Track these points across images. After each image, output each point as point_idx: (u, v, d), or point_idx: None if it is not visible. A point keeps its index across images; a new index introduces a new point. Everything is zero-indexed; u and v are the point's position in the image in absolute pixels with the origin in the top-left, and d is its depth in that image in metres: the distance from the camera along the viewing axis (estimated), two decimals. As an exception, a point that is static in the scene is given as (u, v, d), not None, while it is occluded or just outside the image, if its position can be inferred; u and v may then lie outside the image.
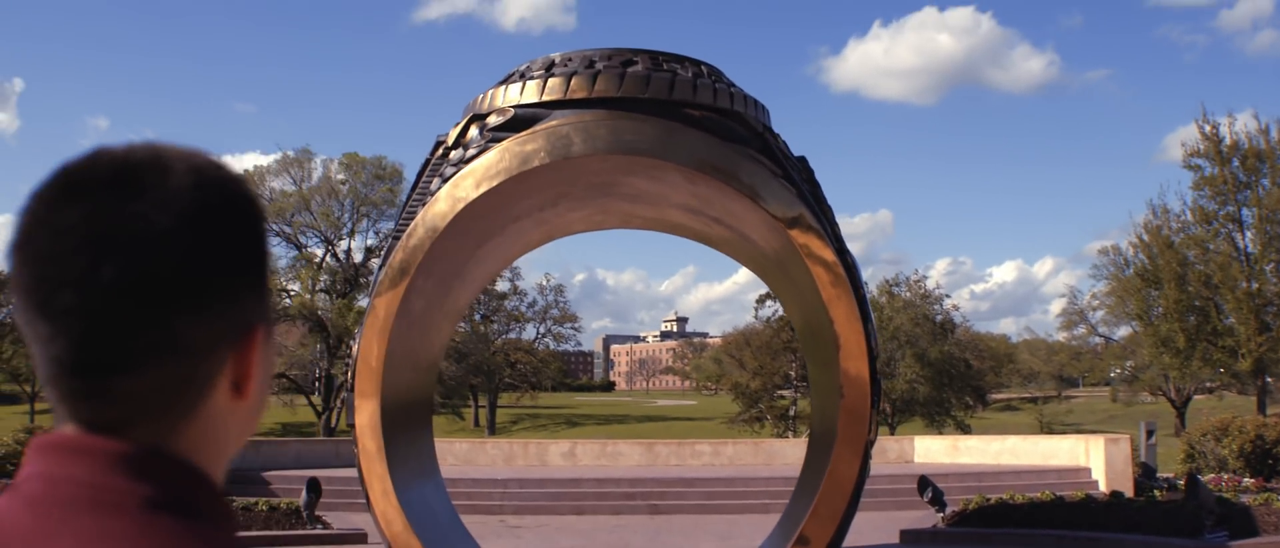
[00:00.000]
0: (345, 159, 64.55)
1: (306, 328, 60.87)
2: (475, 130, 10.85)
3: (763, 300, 62.27)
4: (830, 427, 10.82)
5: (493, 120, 10.69)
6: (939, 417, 60.73)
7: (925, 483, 18.72)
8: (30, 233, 0.99)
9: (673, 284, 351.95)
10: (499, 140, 10.51)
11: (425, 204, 10.62)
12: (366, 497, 10.63)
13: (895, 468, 25.69)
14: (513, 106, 10.66)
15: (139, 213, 0.98)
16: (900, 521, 18.27)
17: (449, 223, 10.46)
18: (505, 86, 10.89)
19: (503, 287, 71.10)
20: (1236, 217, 46.14)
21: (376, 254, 57.38)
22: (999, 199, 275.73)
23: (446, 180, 10.58)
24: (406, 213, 11.05)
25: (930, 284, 64.53)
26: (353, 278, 63.31)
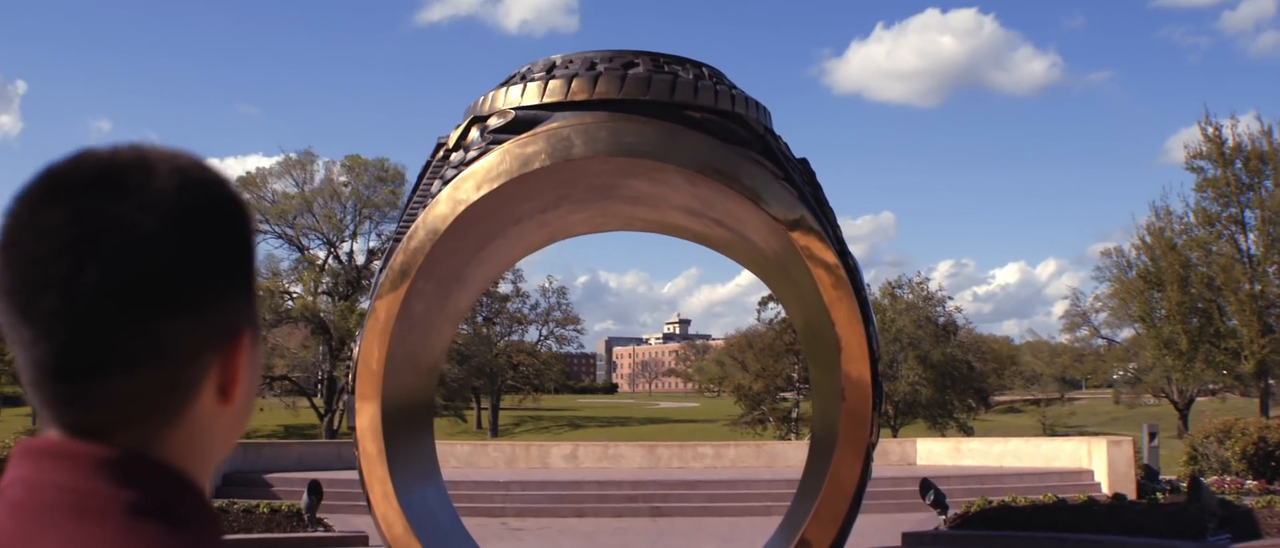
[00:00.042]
0: (347, 161, 64.66)
1: (309, 330, 60.91)
2: (476, 132, 10.83)
3: (765, 303, 62.25)
4: (832, 429, 10.80)
5: (494, 122, 10.68)
6: (941, 419, 60.67)
7: (927, 486, 18.69)
8: (13, 235, 0.98)
9: (675, 286, 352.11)
10: (500, 142, 10.49)
11: (426, 206, 10.61)
12: (367, 500, 10.62)
13: (897, 470, 25.65)
14: (513, 108, 10.64)
15: (123, 215, 0.97)
16: (902, 523, 18.25)
17: (450, 225, 10.45)
18: (506, 88, 10.88)
19: (505, 289, 71.17)
20: (1239, 218, 46.11)
21: (378, 256, 57.33)
22: (1002, 201, 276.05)
23: (447, 182, 10.56)
24: (407, 215, 11.04)
25: (933, 286, 64.68)
26: (355, 280, 63.37)
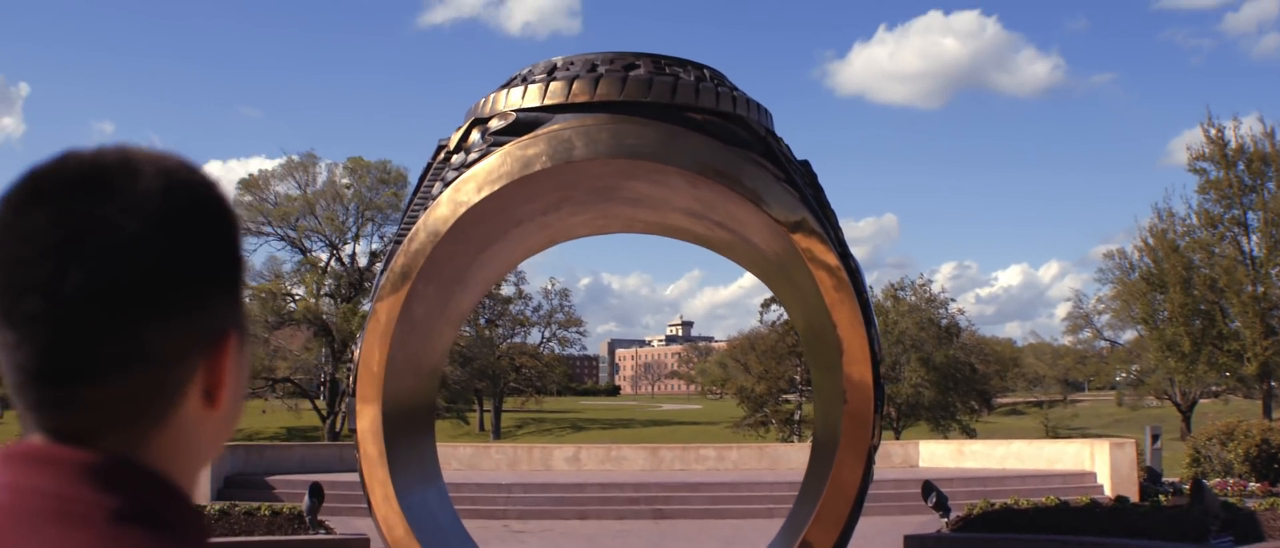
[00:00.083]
0: (350, 163, 64.75)
1: (311, 332, 60.99)
2: (477, 134, 10.83)
3: (768, 305, 62.26)
4: (833, 432, 10.78)
5: (494, 124, 10.67)
6: (944, 421, 60.65)
7: (929, 488, 18.67)
8: None
9: (678, 288, 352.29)
10: (501, 144, 10.49)
11: (427, 208, 10.60)
12: (368, 502, 10.61)
13: (900, 473, 25.63)
14: (514, 110, 10.64)
15: (107, 217, 0.95)
16: (904, 526, 18.22)
17: (451, 227, 10.44)
18: (507, 90, 10.88)
19: (507, 291, 71.20)
20: (1242, 220, 46.11)
21: (380, 258, 57.40)
22: (1004, 203, 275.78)
23: (448, 184, 10.56)
24: (408, 217, 11.03)
25: (935, 288, 64.67)
26: (357, 282, 63.42)
